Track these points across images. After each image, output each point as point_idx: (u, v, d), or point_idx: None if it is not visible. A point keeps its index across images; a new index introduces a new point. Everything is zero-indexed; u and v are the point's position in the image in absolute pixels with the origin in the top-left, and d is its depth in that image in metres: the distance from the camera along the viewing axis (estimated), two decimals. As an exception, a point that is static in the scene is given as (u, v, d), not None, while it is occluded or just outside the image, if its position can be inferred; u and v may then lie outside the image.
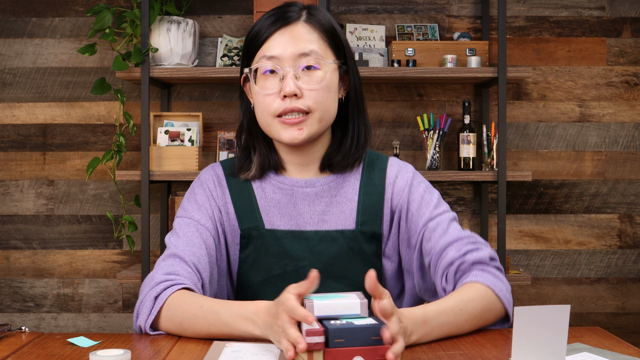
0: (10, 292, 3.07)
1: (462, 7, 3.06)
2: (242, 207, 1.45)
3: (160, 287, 1.29)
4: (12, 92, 3.07)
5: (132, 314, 3.06)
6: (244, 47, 1.45)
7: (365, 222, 1.44)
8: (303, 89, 1.36)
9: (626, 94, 3.07)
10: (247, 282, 1.43)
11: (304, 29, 1.39)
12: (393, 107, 3.05)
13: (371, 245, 1.44)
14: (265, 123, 1.40)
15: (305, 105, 1.36)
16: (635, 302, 3.07)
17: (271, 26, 1.39)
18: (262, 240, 1.42)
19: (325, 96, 1.39)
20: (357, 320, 1.05)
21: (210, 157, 3.03)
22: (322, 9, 1.45)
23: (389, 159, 1.51)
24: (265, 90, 1.38)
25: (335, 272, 1.41)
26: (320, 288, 1.40)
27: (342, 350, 1.01)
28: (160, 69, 2.74)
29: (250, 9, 3.02)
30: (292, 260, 1.41)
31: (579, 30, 3.07)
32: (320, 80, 1.37)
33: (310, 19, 1.40)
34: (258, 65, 1.38)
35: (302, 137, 1.38)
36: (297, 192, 1.45)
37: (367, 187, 1.46)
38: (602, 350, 1.12)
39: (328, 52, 1.41)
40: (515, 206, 3.06)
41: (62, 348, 1.20)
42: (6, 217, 3.07)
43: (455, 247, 1.37)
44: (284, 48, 1.37)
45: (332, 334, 1.01)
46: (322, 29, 1.41)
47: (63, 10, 3.06)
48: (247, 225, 1.43)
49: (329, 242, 1.42)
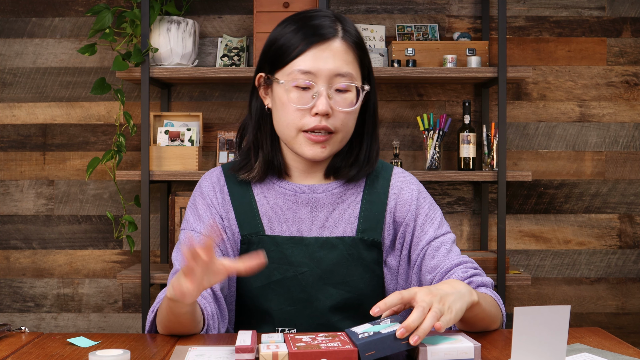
0: (10, 292, 3.07)
1: (462, 7, 3.06)
2: (242, 213, 1.45)
3: (158, 300, 1.36)
4: (12, 92, 3.07)
5: (132, 314, 3.07)
6: (266, 51, 1.42)
7: (366, 230, 1.44)
8: (334, 110, 1.37)
9: (626, 94, 3.07)
10: (247, 288, 1.44)
11: (342, 47, 1.38)
12: (393, 107, 3.05)
13: (371, 252, 1.44)
14: (289, 135, 1.40)
15: (333, 125, 1.37)
16: (635, 302, 3.07)
17: (307, 40, 1.36)
18: (262, 246, 1.43)
19: (352, 119, 1.40)
20: (384, 329, 1.05)
21: (210, 157, 3.03)
22: (350, 21, 1.44)
23: (394, 168, 1.52)
24: (296, 104, 1.37)
25: (335, 278, 1.41)
26: (320, 294, 1.41)
27: None
28: (160, 69, 2.74)
29: (250, 9, 3.02)
30: (292, 266, 1.41)
31: (579, 30, 3.07)
32: (351, 104, 1.38)
33: (346, 36, 1.39)
34: (292, 78, 1.37)
35: (324, 155, 1.39)
36: (300, 198, 1.45)
37: (370, 195, 1.47)
38: (602, 351, 1.12)
39: (359, 73, 1.41)
40: (515, 206, 3.06)
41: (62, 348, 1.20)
42: (6, 217, 3.07)
43: (462, 269, 1.39)
44: (322, 65, 1.36)
45: (362, 348, 1.02)
46: (356, 49, 1.40)
47: (63, 10, 3.06)
48: (248, 231, 1.44)
49: (329, 248, 1.42)
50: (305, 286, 1.41)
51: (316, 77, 1.36)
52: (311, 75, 1.36)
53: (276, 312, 1.41)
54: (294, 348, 1.04)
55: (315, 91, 1.36)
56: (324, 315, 1.41)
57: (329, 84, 1.36)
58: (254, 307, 1.44)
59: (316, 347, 1.04)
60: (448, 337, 1.11)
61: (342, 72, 1.37)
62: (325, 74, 1.36)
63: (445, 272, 1.39)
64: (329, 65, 1.36)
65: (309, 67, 1.36)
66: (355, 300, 1.42)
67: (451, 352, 1.05)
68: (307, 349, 1.03)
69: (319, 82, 1.36)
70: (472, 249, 3.04)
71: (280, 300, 1.41)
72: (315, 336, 1.11)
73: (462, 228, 3.05)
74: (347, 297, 1.42)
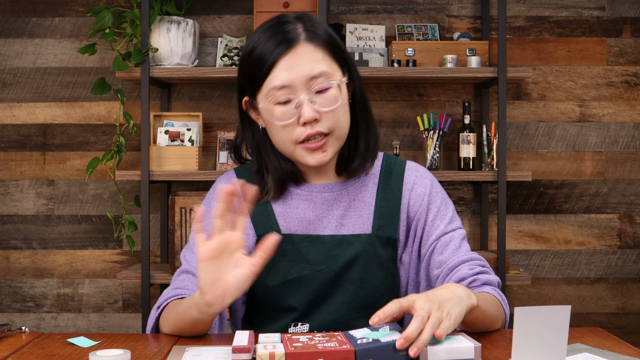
0: (10, 292, 3.07)
1: (462, 7, 3.06)
2: (257, 215, 1.45)
3: (164, 298, 1.36)
4: (12, 92, 3.07)
5: (132, 314, 3.07)
6: (245, 70, 1.40)
7: (382, 227, 1.44)
8: (321, 112, 1.35)
9: (626, 94, 3.07)
10: (263, 287, 1.43)
11: (308, 49, 1.36)
12: (393, 107, 3.05)
13: (387, 250, 1.44)
14: (288, 151, 1.39)
15: (325, 127, 1.36)
16: (635, 302, 3.07)
17: (273, 52, 1.35)
18: (278, 245, 1.43)
19: (342, 114, 1.39)
20: (383, 337, 1.05)
21: (210, 157, 3.03)
22: (314, 17, 1.42)
23: (407, 163, 1.51)
24: (282, 122, 1.36)
25: (351, 275, 1.42)
26: (336, 292, 1.41)
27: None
28: (160, 69, 2.74)
29: (250, 9, 3.02)
30: (309, 264, 1.42)
31: (579, 30, 3.07)
32: (335, 100, 1.37)
33: (310, 36, 1.37)
34: (270, 96, 1.35)
35: (328, 158, 1.39)
36: (316, 198, 1.45)
37: (385, 192, 1.47)
38: (602, 351, 1.12)
39: (334, 66, 1.39)
40: (515, 206, 3.06)
41: (62, 348, 1.20)
42: (6, 217, 3.07)
43: (468, 265, 1.39)
44: (293, 75, 1.34)
45: (360, 354, 1.02)
46: (324, 44, 1.38)
47: (63, 10, 3.06)
48: (263, 231, 1.43)
49: (345, 246, 1.42)
50: (322, 284, 1.41)
51: (292, 88, 1.34)
52: (287, 88, 1.34)
53: (292, 309, 1.41)
54: (290, 348, 1.04)
55: (296, 102, 1.35)
56: (339, 312, 1.41)
57: (307, 89, 1.34)
58: (269, 305, 1.44)
59: (313, 347, 1.04)
60: (448, 337, 1.11)
61: (316, 73, 1.34)
62: (299, 82, 1.34)
63: (451, 268, 1.39)
64: (300, 72, 1.34)
65: (283, 81, 1.34)
66: (370, 298, 1.42)
67: (451, 352, 1.05)
68: (304, 349, 1.03)
69: (297, 91, 1.34)
70: (472, 249, 3.04)
71: (297, 298, 1.41)
72: (313, 336, 1.11)
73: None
74: (362, 295, 1.42)
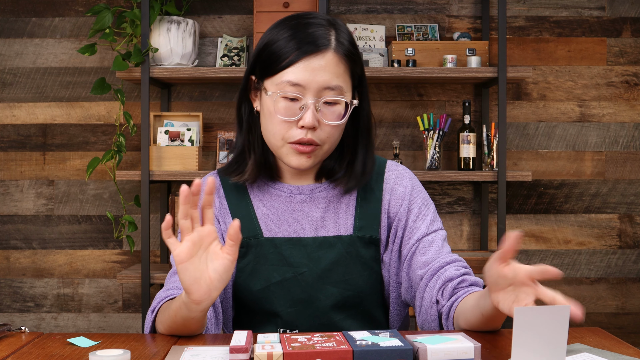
0: (10, 292, 3.07)
1: (462, 7, 3.06)
2: (240, 217, 1.44)
3: (157, 300, 1.36)
4: (12, 92, 3.07)
5: (132, 314, 3.07)
6: (258, 55, 1.40)
7: (363, 228, 1.44)
8: (321, 122, 1.35)
9: (626, 94, 3.07)
10: (247, 291, 1.43)
11: (334, 60, 1.35)
12: (393, 107, 3.05)
13: (369, 250, 1.44)
14: (275, 144, 1.39)
15: (319, 138, 1.36)
16: (635, 302, 3.07)
17: (299, 50, 1.34)
18: (260, 248, 1.42)
19: (338, 131, 1.39)
20: (383, 342, 1.05)
21: (210, 157, 3.03)
22: (344, 28, 1.41)
23: (387, 162, 1.51)
24: (283, 116, 1.35)
25: (334, 277, 1.41)
26: (320, 294, 1.41)
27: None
28: (160, 69, 2.74)
29: (250, 9, 3.02)
30: (291, 267, 1.41)
31: (579, 30, 3.07)
32: (339, 117, 1.37)
33: (339, 47, 1.36)
34: (280, 88, 1.35)
35: (309, 164, 1.39)
36: (295, 199, 1.45)
37: (365, 192, 1.46)
38: (602, 351, 1.12)
39: (349, 85, 1.38)
40: (515, 206, 3.06)
41: (62, 348, 1.20)
42: (6, 217, 3.07)
43: (454, 266, 1.39)
44: (311, 77, 1.33)
45: (358, 356, 1.02)
46: (348, 60, 1.37)
47: (63, 10, 3.06)
48: (246, 235, 1.43)
49: (327, 247, 1.42)
50: (305, 286, 1.41)
51: (305, 89, 1.34)
52: (300, 87, 1.34)
53: (278, 313, 1.41)
54: (288, 348, 1.04)
55: (303, 103, 1.34)
56: (325, 314, 1.41)
57: (318, 97, 1.34)
58: (255, 310, 1.44)
59: (311, 347, 1.04)
60: (448, 337, 1.10)
61: (332, 85, 1.34)
62: (314, 87, 1.34)
63: (437, 268, 1.39)
64: (319, 78, 1.34)
65: (299, 79, 1.33)
66: (355, 298, 1.42)
67: (451, 352, 1.05)
68: (302, 349, 1.03)
69: (308, 94, 1.34)
70: (472, 249, 3.04)
71: (281, 301, 1.41)
72: (311, 336, 1.11)
73: (462, 228, 3.05)
74: (347, 296, 1.42)
